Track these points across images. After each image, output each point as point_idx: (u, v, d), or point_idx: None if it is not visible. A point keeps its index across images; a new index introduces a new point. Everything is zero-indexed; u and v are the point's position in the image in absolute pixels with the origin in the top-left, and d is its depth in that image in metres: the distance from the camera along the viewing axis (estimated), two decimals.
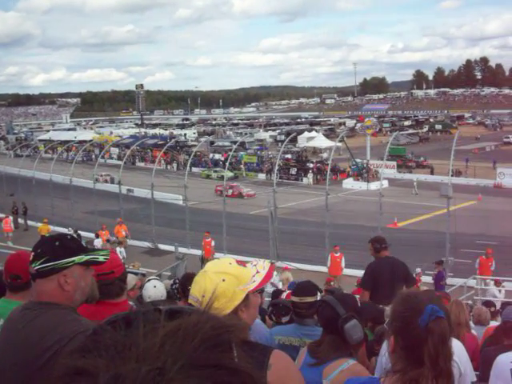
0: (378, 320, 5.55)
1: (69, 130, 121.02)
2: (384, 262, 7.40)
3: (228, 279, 2.20)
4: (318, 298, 4.42)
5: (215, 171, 57.12)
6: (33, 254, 2.52)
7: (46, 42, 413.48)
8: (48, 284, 2.51)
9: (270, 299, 8.65)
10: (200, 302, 2.15)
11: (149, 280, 5.70)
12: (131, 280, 5.05)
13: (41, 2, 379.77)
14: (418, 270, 19.60)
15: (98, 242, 24.34)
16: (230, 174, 51.43)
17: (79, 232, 28.06)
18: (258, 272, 2.40)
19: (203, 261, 22.54)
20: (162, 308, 0.99)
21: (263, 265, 2.48)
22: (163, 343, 0.86)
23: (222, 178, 50.66)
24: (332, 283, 16.70)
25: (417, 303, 2.17)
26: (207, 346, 0.88)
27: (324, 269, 22.69)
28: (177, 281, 5.86)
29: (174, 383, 0.80)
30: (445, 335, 2.11)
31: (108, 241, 27.24)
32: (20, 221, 36.02)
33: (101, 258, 2.70)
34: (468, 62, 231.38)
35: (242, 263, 2.38)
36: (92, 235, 29.12)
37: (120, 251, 23.15)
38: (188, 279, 3.91)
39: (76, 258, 2.55)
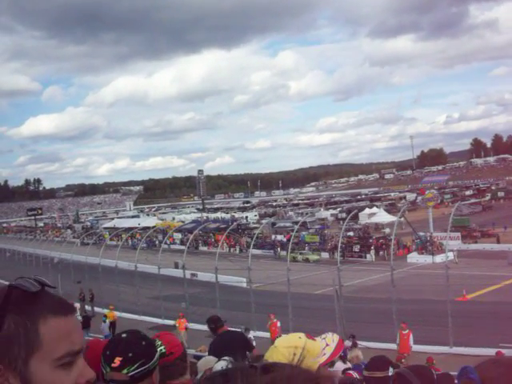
0: None
1: (132, 217, 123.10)
2: (222, 338, 7.75)
3: (299, 353, 2.24)
4: (390, 374, 4.35)
5: (301, 253, 56.14)
6: (121, 358, 2.42)
7: (111, 134, 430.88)
8: None
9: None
10: None
11: (218, 361, 5.77)
12: (211, 361, 5.16)
13: (106, 96, 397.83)
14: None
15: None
16: (316, 257, 51.74)
17: None
18: (327, 345, 2.45)
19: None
20: (257, 364, 1.10)
21: (332, 338, 2.51)
22: None
23: (307, 260, 50.97)
24: (403, 361, 16.29)
25: None
26: None
27: (393, 346, 22.16)
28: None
29: None
30: None
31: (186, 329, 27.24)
32: (87, 307, 36.47)
33: (163, 350, 2.75)
34: None
35: (311, 337, 2.43)
36: (159, 320, 29.31)
37: None
38: (255, 360, 3.89)
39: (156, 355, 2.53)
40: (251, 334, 23.51)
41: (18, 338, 1.25)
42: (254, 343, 18.70)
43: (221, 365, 5.56)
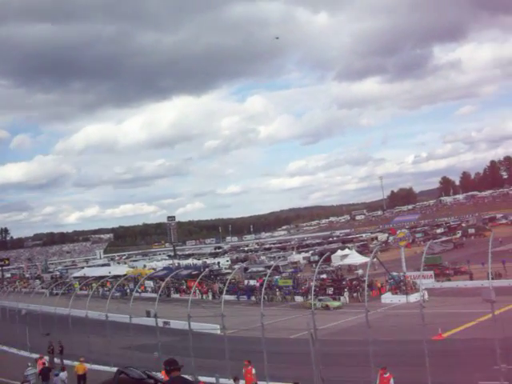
0: None
1: (103, 265, 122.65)
2: (174, 383, 7.73)
3: None
4: None
5: (320, 300, 50.93)
6: None
7: (81, 181, 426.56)
8: None
9: None
10: None
11: None
12: None
13: (76, 143, 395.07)
14: None
15: None
16: (337, 304, 49.91)
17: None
18: None
19: None
20: None
21: None
22: None
23: (327, 307, 48.47)
24: None
25: None
26: None
27: None
28: None
29: None
30: None
31: None
32: (56, 360, 35.37)
33: None
34: (492, 162, 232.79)
35: None
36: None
37: None
38: None
39: None
40: None
41: None
42: None
43: None
